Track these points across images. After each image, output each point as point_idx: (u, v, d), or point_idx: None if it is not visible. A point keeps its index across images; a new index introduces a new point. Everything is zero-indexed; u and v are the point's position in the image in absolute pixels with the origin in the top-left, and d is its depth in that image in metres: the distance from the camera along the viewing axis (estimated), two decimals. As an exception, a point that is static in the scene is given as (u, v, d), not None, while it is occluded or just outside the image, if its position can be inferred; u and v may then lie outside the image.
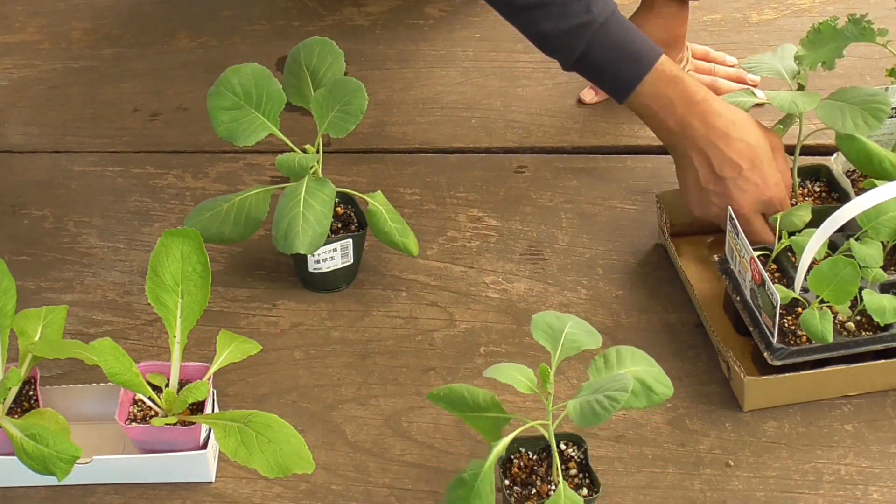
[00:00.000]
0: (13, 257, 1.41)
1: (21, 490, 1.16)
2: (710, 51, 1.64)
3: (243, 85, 1.28)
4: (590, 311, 1.32)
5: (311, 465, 1.07)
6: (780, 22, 1.74)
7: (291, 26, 1.77)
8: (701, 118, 1.28)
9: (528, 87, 1.64)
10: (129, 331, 1.33)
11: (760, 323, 1.20)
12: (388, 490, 1.16)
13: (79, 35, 1.78)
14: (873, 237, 1.23)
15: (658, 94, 1.30)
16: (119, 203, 1.50)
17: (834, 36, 1.30)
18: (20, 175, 1.55)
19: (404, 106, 1.62)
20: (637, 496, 1.15)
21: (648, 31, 1.51)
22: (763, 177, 1.28)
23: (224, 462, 1.18)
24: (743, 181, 1.28)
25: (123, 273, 1.40)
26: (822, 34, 1.30)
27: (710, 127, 1.28)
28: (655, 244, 1.40)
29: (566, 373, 1.25)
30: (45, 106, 1.66)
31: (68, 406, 1.18)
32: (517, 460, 1.10)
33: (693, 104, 1.29)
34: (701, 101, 1.29)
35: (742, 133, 1.28)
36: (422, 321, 1.33)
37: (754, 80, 1.60)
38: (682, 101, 1.29)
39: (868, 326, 1.20)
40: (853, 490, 1.14)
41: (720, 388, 1.24)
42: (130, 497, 1.16)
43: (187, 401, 1.12)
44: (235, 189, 1.48)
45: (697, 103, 1.29)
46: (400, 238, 1.31)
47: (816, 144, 1.53)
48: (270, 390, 1.26)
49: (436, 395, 1.08)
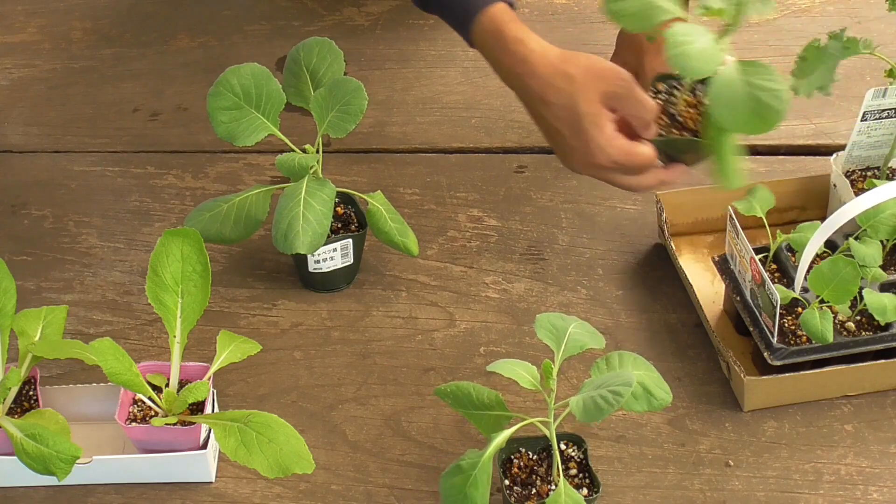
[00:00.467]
0: (13, 257, 1.41)
1: (21, 490, 1.16)
2: None
3: (243, 85, 1.28)
4: (590, 311, 1.32)
5: (311, 465, 1.07)
6: (780, 22, 1.74)
7: (291, 26, 1.77)
8: (519, 82, 1.20)
9: (528, 87, 1.64)
10: (129, 331, 1.33)
11: (760, 323, 1.20)
12: (388, 490, 1.16)
13: (79, 35, 1.78)
14: (872, 236, 1.23)
15: (485, 49, 1.23)
16: (119, 203, 1.50)
17: (820, 58, 1.27)
18: (20, 175, 1.55)
19: (404, 106, 1.62)
20: (637, 496, 1.15)
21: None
22: (585, 142, 1.17)
23: (224, 462, 1.18)
24: (568, 147, 1.19)
25: (123, 273, 1.40)
26: (808, 61, 1.27)
27: (529, 92, 1.20)
28: (655, 244, 1.40)
29: (567, 373, 1.25)
30: (45, 106, 1.66)
31: (68, 406, 1.18)
32: (517, 460, 1.10)
33: (512, 65, 1.20)
34: (520, 62, 1.19)
35: (559, 97, 1.17)
36: (422, 321, 1.33)
37: None
38: (503, 62, 1.21)
39: (868, 326, 1.20)
40: (853, 490, 1.14)
41: (720, 388, 1.24)
42: (130, 497, 1.16)
43: (187, 401, 1.12)
44: (235, 189, 1.48)
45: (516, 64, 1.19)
46: (400, 238, 1.31)
47: (817, 144, 1.53)
48: (270, 390, 1.26)
49: (442, 390, 1.09)
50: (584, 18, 1.76)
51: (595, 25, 1.74)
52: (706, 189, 1.39)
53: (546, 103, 1.19)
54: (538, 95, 1.19)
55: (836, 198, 1.36)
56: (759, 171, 1.49)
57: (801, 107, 1.58)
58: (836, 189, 1.36)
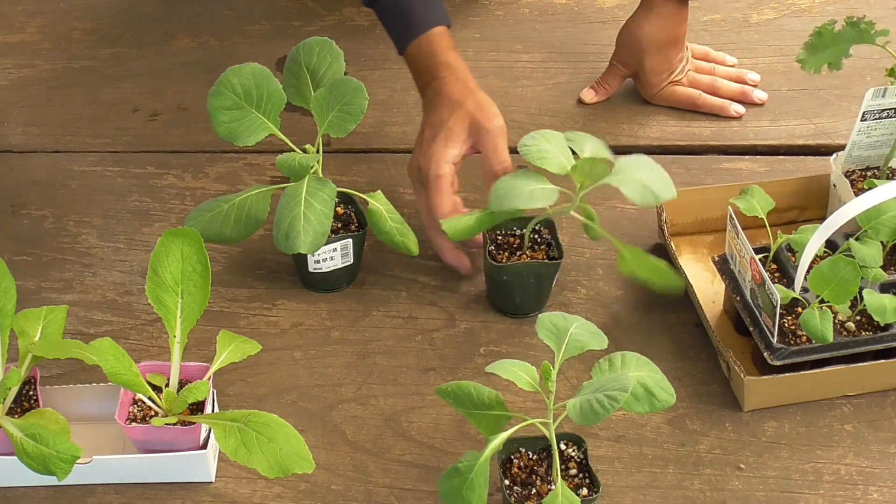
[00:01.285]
0: (13, 257, 1.41)
1: (21, 490, 1.16)
2: (710, 51, 1.64)
3: (243, 85, 1.28)
4: (590, 311, 1.32)
5: (311, 465, 1.07)
6: (780, 22, 1.74)
7: (291, 26, 1.77)
8: (428, 92, 1.37)
9: (528, 87, 1.64)
10: (129, 331, 1.33)
11: (760, 323, 1.20)
12: (388, 490, 1.16)
13: (79, 35, 1.78)
14: (873, 237, 1.23)
15: (413, 69, 1.41)
16: (119, 203, 1.50)
17: (834, 39, 1.30)
18: (20, 175, 1.55)
19: (404, 106, 1.62)
20: (637, 496, 1.15)
21: (648, 30, 1.52)
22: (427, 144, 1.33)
23: (224, 462, 1.18)
24: (417, 144, 1.35)
25: (123, 273, 1.40)
26: (823, 37, 1.31)
27: (429, 101, 1.36)
28: (655, 244, 1.40)
29: (567, 373, 1.25)
30: (45, 106, 1.66)
31: (68, 406, 1.18)
32: (517, 460, 1.10)
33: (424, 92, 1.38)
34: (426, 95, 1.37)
35: (443, 111, 1.33)
36: (422, 321, 1.33)
37: (754, 79, 1.60)
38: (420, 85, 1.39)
39: (868, 326, 1.20)
40: (853, 490, 1.14)
41: (720, 388, 1.24)
42: (130, 497, 1.16)
43: (187, 401, 1.12)
44: (235, 189, 1.48)
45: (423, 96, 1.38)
46: (400, 238, 1.31)
47: (817, 144, 1.53)
48: (270, 390, 1.26)
49: (443, 390, 1.09)
50: (584, 18, 1.76)
51: (595, 25, 1.74)
52: (706, 189, 1.40)
53: (433, 108, 1.34)
54: (432, 104, 1.35)
55: (836, 198, 1.36)
56: (759, 171, 1.49)
57: (801, 107, 1.59)
58: (836, 189, 1.36)
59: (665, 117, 1.58)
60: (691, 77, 1.58)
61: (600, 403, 0.99)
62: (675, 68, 1.57)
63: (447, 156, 1.31)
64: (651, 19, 1.52)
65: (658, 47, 1.55)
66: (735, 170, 1.49)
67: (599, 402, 0.99)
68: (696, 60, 1.60)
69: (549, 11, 1.78)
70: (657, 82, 1.57)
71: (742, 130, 1.55)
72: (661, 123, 1.57)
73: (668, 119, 1.58)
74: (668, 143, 1.54)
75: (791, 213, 1.39)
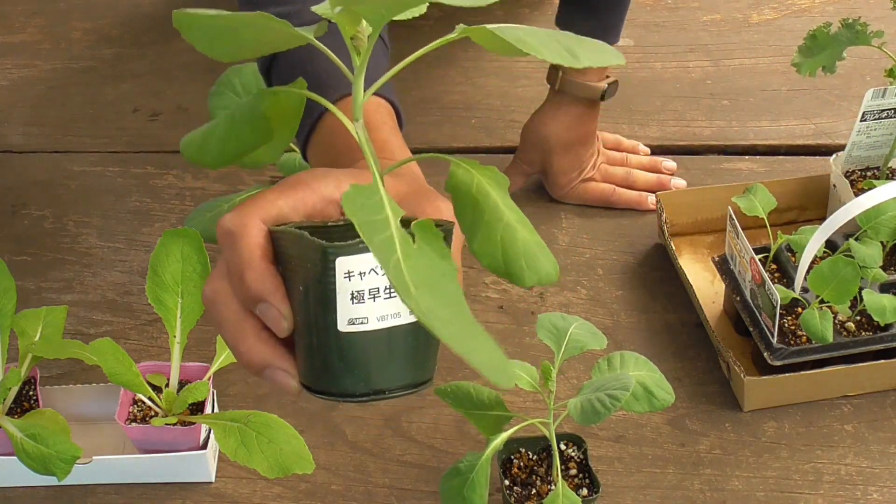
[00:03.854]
0: (13, 257, 1.41)
1: (21, 490, 1.16)
2: (622, 140, 1.52)
3: (244, 85, 1.28)
4: (590, 311, 1.32)
5: (311, 465, 1.07)
6: (780, 22, 1.74)
7: (291, 26, 1.77)
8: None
9: (528, 87, 1.64)
10: (129, 331, 1.33)
11: (760, 323, 1.20)
12: (388, 490, 1.16)
13: (79, 35, 1.78)
14: (872, 237, 1.23)
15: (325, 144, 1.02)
16: (119, 203, 1.50)
17: (829, 42, 1.30)
18: (20, 175, 1.55)
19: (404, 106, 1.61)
20: (637, 496, 1.15)
21: (555, 129, 1.41)
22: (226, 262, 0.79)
23: (224, 462, 1.18)
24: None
25: (123, 273, 1.40)
26: (817, 40, 1.30)
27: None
28: (655, 244, 1.40)
29: (567, 374, 1.25)
30: (45, 106, 1.66)
31: (68, 406, 1.18)
32: (517, 460, 1.10)
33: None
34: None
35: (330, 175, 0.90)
36: (422, 321, 1.33)
37: (670, 167, 1.49)
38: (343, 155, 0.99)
39: (868, 326, 1.20)
40: (853, 490, 1.14)
41: (720, 388, 1.24)
42: (130, 497, 1.16)
43: (187, 401, 1.12)
44: (235, 189, 1.48)
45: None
46: (400, 238, 1.31)
47: (817, 144, 1.54)
48: (270, 390, 1.26)
49: (443, 390, 1.09)
50: (584, 18, 1.76)
51: (595, 25, 1.74)
52: (706, 189, 1.40)
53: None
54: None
55: (836, 198, 1.36)
56: (758, 171, 1.49)
57: (801, 107, 1.59)
58: (836, 189, 1.36)
59: (665, 117, 1.58)
60: (604, 171, 1.45)
61: (602, 403, 0.99)
62: (585, 165, 1.44)
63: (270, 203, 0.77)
64: (559, 118, 1.41)
65: (566, 147, 1.42)
66: (735, 170, 1.50)
67: (601, 402, 0.99)
68: (607, 151, 1.48)
69: (550, 12, 1.78)
70: (566, 182, 1.44)
71: (742, 130, 1.55)
72: (661, 123, 1.57)
73: (668, 119, 1.58)
74: (668, 143, 1.54)
75: (791, 213, 1.39)
